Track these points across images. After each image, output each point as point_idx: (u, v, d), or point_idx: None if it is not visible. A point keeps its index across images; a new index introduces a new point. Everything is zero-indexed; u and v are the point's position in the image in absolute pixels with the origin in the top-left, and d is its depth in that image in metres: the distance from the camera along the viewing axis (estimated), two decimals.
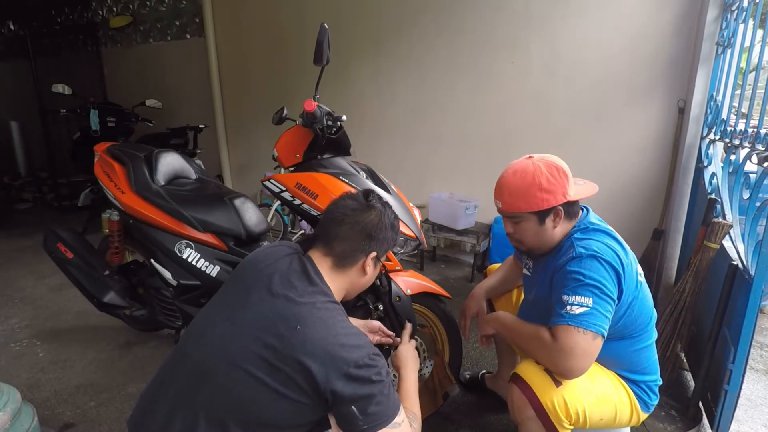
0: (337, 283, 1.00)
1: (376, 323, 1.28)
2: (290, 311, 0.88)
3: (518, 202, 1.15)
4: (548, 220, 1.16)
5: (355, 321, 1.22)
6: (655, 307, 1.22)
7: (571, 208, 1.18)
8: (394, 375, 1.39)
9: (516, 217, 1.18)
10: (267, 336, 0.85)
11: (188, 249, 1.71)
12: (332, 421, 0.89)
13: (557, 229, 1.18)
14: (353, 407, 0.84)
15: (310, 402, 0.85)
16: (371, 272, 1.05)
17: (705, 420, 1.64)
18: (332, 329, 0.87)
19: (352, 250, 0.99)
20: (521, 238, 1.21)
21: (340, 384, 0.82)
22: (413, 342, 1.25)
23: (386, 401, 0.87)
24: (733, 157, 1.77)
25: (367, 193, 1.05)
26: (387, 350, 1.32)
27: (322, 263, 0.99)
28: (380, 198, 1.07)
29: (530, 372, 1.13)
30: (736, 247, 1.63)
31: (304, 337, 0.84)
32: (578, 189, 1.18)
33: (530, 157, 1.18)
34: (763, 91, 2.55)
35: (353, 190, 1.38)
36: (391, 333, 1.28)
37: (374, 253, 1.02)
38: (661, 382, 1.25)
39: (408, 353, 1.18)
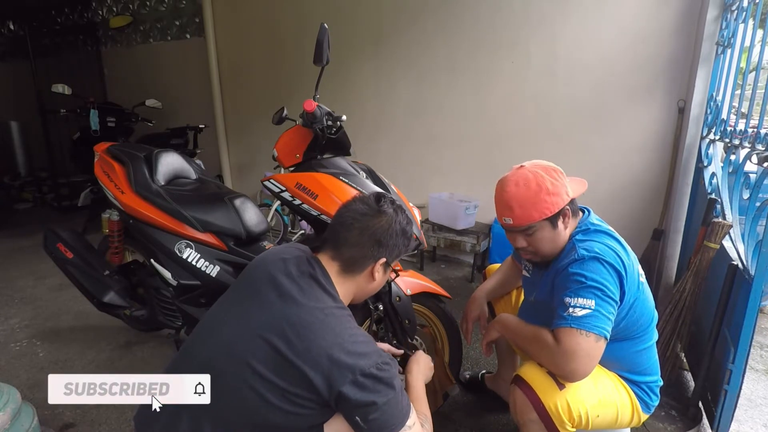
0: (344, 287, 0.99)
1: (385, 346, 1.21)
2: (298, 316, 0.87)
3: (531, 212, 1.11)
4: (559, 223, 1.14)
5: None
6: (655, 307, 1.21)
7: (573, 205, 1.18)
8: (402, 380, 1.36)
9: (530, 228, 1.14)
10: (274, 339, 0.84)
11: (188, 249, 1.71)
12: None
13: (567, 230, 1.17)
14: (357, 416, 0.83)
15: (315, 407, 0.84)
16: (380, 278, 1.03)
17: (705, 420, 1.64)
18: (339, 337, 0.85)
19: (361, 256, 0.98)
20: (537, 248, 1.17)
21: (345, 391, 0.81)
22: (423, 353, 1.20)
23: (395, 406, 0.85)
24: (733, 157, 1.77)
25: (379, 197, 1.03)
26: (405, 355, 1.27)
27: (329, 267, 0.98)
28: (393, 202, 1.04)
29: (533, 374, 1.13)
30: (736, 247, 1.63)
31: (309, 344, 0.83)
32: (573, 185, 1.18)
33: (521, 166, 1.16)
34: (763, 91, 2.56)
35: (353, 191, 1.38)
36: (399, 352, 1.22)
37: (383, 259, 1.00)
38: (661, 383, 1.25)
39: (420, 360, 1.15)
